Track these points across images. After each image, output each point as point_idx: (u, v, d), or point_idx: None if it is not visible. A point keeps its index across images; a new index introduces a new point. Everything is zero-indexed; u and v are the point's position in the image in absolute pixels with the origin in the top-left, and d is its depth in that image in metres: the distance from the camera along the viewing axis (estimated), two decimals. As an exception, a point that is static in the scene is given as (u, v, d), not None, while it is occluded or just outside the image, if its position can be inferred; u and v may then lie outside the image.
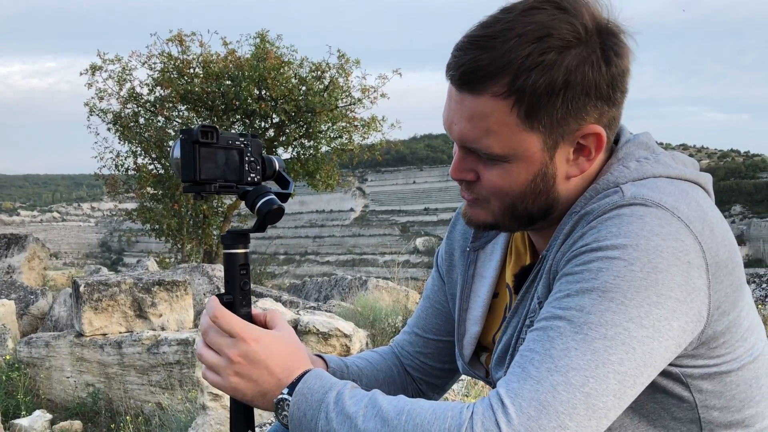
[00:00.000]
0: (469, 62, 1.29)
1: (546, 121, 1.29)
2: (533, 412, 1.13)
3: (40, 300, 11.29)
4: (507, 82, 1.27)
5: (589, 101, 1.29)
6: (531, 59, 1.25)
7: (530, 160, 1.32)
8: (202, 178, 1.33)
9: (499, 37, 1.27)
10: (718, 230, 1.28)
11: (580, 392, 1.14)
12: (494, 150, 1.31)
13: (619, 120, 1.38)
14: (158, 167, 19.50)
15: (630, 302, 1.18)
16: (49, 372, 8.14)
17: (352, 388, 1.28)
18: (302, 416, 1.26)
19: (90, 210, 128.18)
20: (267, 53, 18.64)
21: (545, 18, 1.27)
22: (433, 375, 1.76)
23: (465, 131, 1.33)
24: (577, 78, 1.27)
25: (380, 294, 11.06)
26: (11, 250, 14.38)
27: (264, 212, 1.37)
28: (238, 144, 1.39)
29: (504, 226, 1.43)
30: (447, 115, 1.37)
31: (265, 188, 1.41)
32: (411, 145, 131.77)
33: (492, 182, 1.36)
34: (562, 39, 1.26)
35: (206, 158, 1.34)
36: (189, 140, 1.32)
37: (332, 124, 19.48)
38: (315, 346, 5.60)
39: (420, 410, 1.19)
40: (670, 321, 1.19)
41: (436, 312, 1.73)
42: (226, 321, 1.34)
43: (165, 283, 8.13)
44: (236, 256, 1.40)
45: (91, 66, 19.40)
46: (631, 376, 1.17)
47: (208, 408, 4.77)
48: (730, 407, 1.35)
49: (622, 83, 1.32)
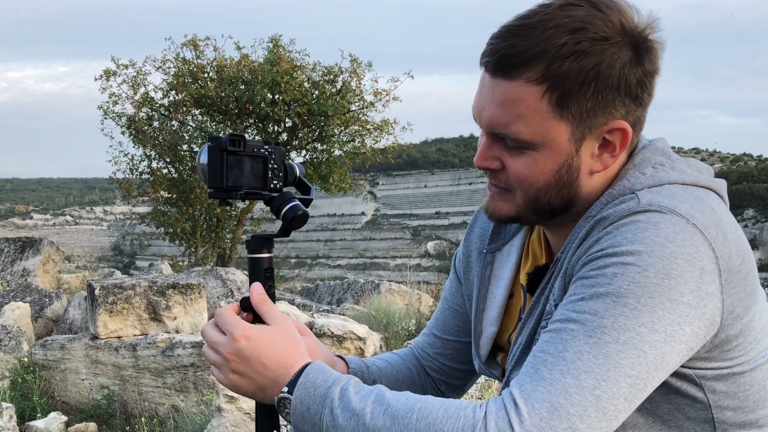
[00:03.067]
0: (505, 48, 1.32)
1: (575, 110, 1.32)
2: (545, 413, 1.15)
3: (55, 303, 11.35)
4: (541, 69, 1.30)
5: (618, 96, 1.32)
6: (566, 48, 1.29)
7: (557, 149, 1.35)
8: (229, 185, 1.37)
9: (537, 27, 1.31)
10: (732, 236, 1.30)
11: (591, 395, 1.16)
12: (523, 136, 1.34)
13: (644, 123, 1.41)
14: (172, 171, 19.58)
15: (643, 307, 1.20)
16: (65, 374, 8.19)
17: (356, 383, 1.28)
18: (306, 410, 1.27)
19: (102, 213, 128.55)
20: (280, 57, 18.70)
21: (582, 13, 1.31)
22: (453, 376, 1.78)
23: (495, 116, 1.35)
24: (608, 71, 1.30)
25: (393, 297, 11.08)
26: (26, 254, 14.45)
27: (290, 218, 1.41)
28: (262, 152, 1.43)
29: (525, 219, 1.45)
30: (478, 102, 1.39)
31: (290, 194, 1.44)
32: (422, 148, 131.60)
33: (518, 171, 1.38)
34: (597, 33, 1.30)
35: (233, 166, 1.37)
36: (217, 148, 1.36)
37: (345, 128, 19.51)
38: (329, 348, 5.64)
39: (431, 408, 1.20)
40: (683, 326, 1.21)
41: (454, 313, 1.76)
42: (221, 318, 1.37)
43: (179, 286, 8.18)
44: (261, 260, 1.43)
45: (105, 71, 19.51)
46: (642, 379, 1.19)
47: (224, 410, 4.80)
48: (743, 408, 1.36)
49: (650, 85, 1.36)
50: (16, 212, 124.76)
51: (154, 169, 19.62)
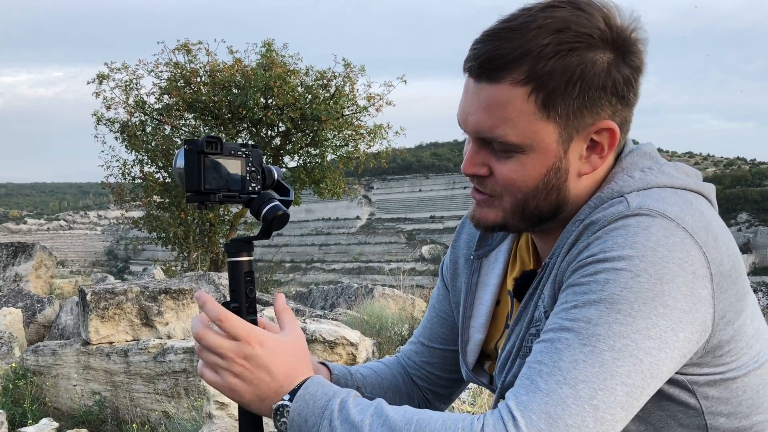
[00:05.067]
0: (489, 51, 1.31)
1: (562, 110, 1.31)
2: (543, 425, 1.13)
3: (47, 308, 11.30)
4: (526, 70, 1.29)
5: (604, 95, 1.31)
6: (550, 48, 1.28)
7: (545, 151, 1.33)
8: (206, 188, 1.34)
9: (520, 29, 1.30)
10: (722, 240, 1.29)
11: (588, 405, 1.14)
12: (510, 139, 1.32)
13: (630, 124, 1.39)
14: (165, 176, 19.56)
15: (637, 314, 1.18)
16: (56, 380, 8.15)
17: (356, 397, 1.27)
18: (303, 422, 1.25)
19: (96, 218, 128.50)
20: (273, 62, 18.70)
21: (564, 14, 1.30)
22: (440, 385, 1.76)
23: (482, 121, 1.34)
24: (593, 70, 1.29)
25: (386, 302, 11.06)
26: (18, 259, 14.41)
27: (270, 218, 1.38)
28: (239, 154, 1.40)
29: (513, 226, 1.43)
30: (463, 108, 1.38)
31: (270, 195, 1.42)
32: (417, 153, 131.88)
33: (506, 176, 1.36)
34: (580, 33, 1.29)
35: (210, 168, 1.34)
36: (194, 150, 1.33)
37: (338, 132, 19.52)
38: (321, 354, 5.60)
39: (429, 421, 1.19)
40: (677, 332, 1.20)
41: (441, 321, 1.74)
42: (231, 324, 1.31)
43: (171, 291, 8.15)
44: (241, 264, 1.40)
45: (99, 75, 19.48)
46: (638, 387, 1.18)
47: (215, 416, 4.77)
48: (737, 413, 1.35)
49: (635, 83, 1.35)
50: (10, 217, 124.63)
51: (146, 174, 19.60)
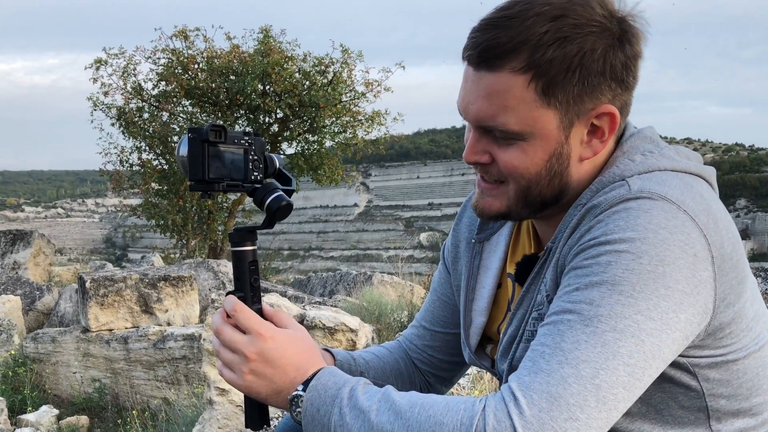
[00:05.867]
0: (487, 40, 1.32)
1: (562, 97, 1.31)
2: (545, 404, 1.14)
3: (46, 296, 11.31)
4: (525, 58, 1.30)
5: (603, 80, 1.32)
6: (548, 35, 1.29)
7: (546, 138, 1.34)
8: (211, 177, 1.34)
9: (518, 17, 1.31)
10: (723, 223, 1.30)
11: (590, 384, 1.15)
12: (511, 126, 1.33)
13: (630, 108, 1.40)
14: (163, 162, 19.50)
15: (639, 295, 1.19)
16: (56, 367, 8.17)
17: (365, 384, 1.29)
18: (315, 412, 1.28)
19: (94, 206, 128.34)
20: (270, 48, 18.62)
21: (561, 1, 1.31)
22: (441, 368, 1.78)
23: (482, 109, 1.35)
24: (592, 56, 1.30)
25: (385, 289, 11.07)
26: (17, 246, 14.40)
27: (274, 209, 1.38)
28: (242, 142, 1.40)
29: (516, 214, 1.44)
30: (463, 97, 1.38)
31: (274, 185, 1.42)
32: (415, 140, 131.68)
33: (508, 163, 1.37)
34: (578, 19, 1.30)
35: (214, 157, 1.34)
36: (198, 139, 1.32)
37: (336, 119, 19.47)
38: (321, 340, 5.61)
39: (433, 403, 1.21)
40: (678, 313, 1.21)
41: (443, 304, 1.75)
42: (244, 316, 1.35)
43: (171, 278, 8.15)
44: (245, 253, 1.40)
45: (96, 60, 19.38)
46: (640, 368, 1.19)
47: (215, 403, 4.78)
48: (737, 395, 1.36)
49: (635, 68, 1.36)
50: (8, 205, 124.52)
51: (144, 161, 19.54)
